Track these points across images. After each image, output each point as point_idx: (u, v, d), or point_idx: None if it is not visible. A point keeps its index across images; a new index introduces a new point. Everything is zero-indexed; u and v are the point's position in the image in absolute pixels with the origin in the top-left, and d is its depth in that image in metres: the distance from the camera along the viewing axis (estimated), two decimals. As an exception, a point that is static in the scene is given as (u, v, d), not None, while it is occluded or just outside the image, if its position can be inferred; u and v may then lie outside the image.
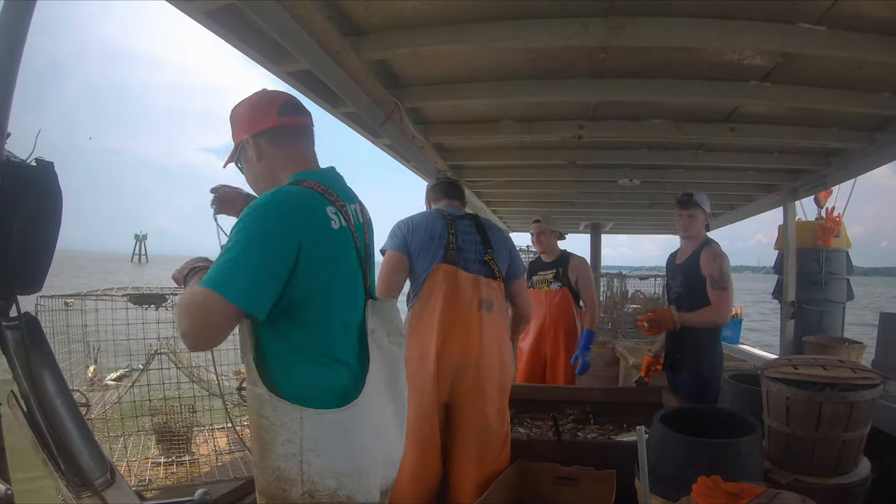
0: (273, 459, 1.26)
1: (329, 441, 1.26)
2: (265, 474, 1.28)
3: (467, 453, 2.38)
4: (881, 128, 3.15)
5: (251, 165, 1.44)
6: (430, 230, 2.43)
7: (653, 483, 1.84)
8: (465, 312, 2.37)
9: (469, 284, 2.40)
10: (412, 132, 3.30)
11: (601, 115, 3.26)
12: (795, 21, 2.08)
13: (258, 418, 1.27)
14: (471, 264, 2.43)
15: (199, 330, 1.18)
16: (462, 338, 2.35)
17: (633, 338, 5.78)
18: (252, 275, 1.19)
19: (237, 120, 1.45)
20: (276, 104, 1.42)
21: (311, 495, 1.25)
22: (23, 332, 1.15)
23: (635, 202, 5.79)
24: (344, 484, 1.28)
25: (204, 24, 2.02)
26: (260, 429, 1.27)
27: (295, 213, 1.25)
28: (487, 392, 2.39)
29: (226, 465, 2.53)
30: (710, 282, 2.91)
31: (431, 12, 2.17)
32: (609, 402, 3.35)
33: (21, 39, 1.04)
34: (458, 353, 2.35)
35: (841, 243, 5.42)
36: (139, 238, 73.66)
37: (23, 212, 1.11)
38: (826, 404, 2.07)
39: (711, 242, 3.05)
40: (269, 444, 1.26)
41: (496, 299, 2.46)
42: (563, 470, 2.46)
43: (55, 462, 1.14)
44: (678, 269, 3.14)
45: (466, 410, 2.38)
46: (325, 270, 1.29)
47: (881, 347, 3.63)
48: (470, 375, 2.36)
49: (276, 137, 1.41)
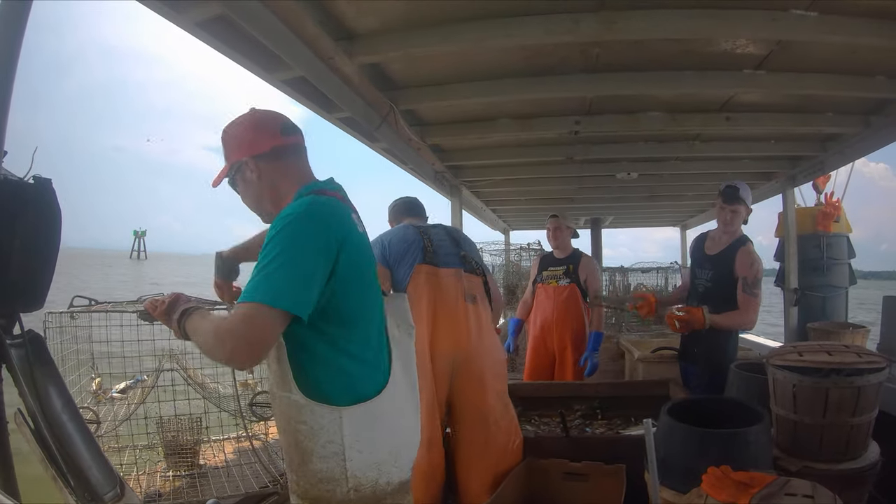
0: (315, 463, 1.31)
1: (367, 434, 1.34)
2: (307, 479, 1.33)
3: (474, 447, 2.42)
4: (876, 111, 3.15)
5: (251, 185, 1.47)
6: (405, 239, 2.52)
7: (662, 475, 1.84)
8: (452, 306, 2.44)
9: (451, 279, 2.47)
10: (408, 134, 3.29)
11: (597, 109, 3.26)
12: (787, 8, 2.08)
13: (296, 424, 1.32)
14: (449, 259, 2.52)
15: (250, 345, 1.19)
16: (453, 332, 2.42)
17: (638, 331, 5.77)
18: (294, 279, 1.23)
19: (235, 141, 1.47)
20: (278, 125, 1.46)
21: (356, 490, 1.32)
22: (27, 350, 1.15)
23: (634, 195, 5.79)
24: (384, 472, 1.37)
25: (196, 35, 2.02)
26: (298, 434, 1.32)
27: (330, 220, 1.32)
28: (485, 381, 2.46)
29: (234, 476, 2.53)
30: (742, 284, 2.86)
31: (423, 13, 2.16)
32: (616, 396, 3.34)
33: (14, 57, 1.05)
34: (451, 348, 2.41)
35: (841, 228, 5.40)
36: (138, 234, 73.12)
37: (22, 230, 1.11)
38: (833, 390, 2.07)
39: (748, 241, 2.98)
40: (309, 449, 1.32)
41: (478, 292, 2.55)
42: (572, 466, 2.46)
43: (64, 478, 1.15)
44: (709, 260, 3.06)
45: (467, 402, 2.44)
46: (358, 272, 1.37)
47: (886, 331, 3.63)
48: (466, 367, 2.43)
49: (278, 157, 1.45)
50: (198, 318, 1.34)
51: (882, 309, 3.70)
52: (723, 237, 3.05)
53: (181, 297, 1.44)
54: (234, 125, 1.48)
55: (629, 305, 3.16)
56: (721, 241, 3.05)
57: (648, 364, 3.91)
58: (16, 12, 1.05)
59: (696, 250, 3.20)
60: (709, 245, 3.12)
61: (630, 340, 4.79)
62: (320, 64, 2.33)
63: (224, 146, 1.49)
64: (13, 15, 1.05)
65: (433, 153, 3.94)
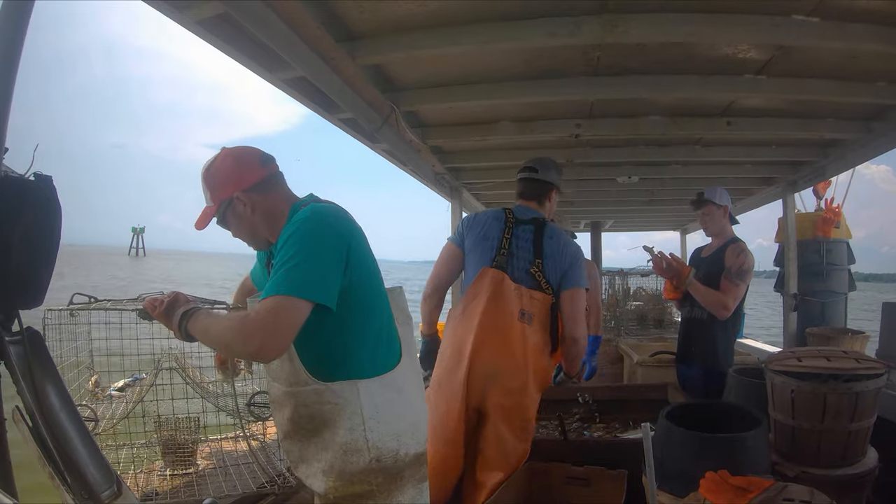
0: (341, 435, 1.39)
1: (384, 405, 1.43)
2: (335, 453, 1.41)
3: (481, 460, 2.37)
4: (878, 117, 3.15)
5: (244, 219, 1.53)
6: (486, 230, 2.44)
7: (660, 480, 1.84)
8: (505, 321, 2.34)
9: (513, 293, 2.36)
10: (409, 136, 3.29)
11: (598, 113, 3.26)
12: (789, 13, 2.08)
13: (321, 407, 1.40)
14: (518, 272, 2.39)
15: (279, 337, 1.26)
16: (499, 346, 2.32)
17: (637, 335, 5.78)
18: (316, 272, 1.32)
19: (221, 180, 1.52)
20: (257, 157, 1.54)
21: (377, 460, 1.41)
22: (25, 347, 1.15)
23: (634, 199, 5.79)
24: (403, 442, 1.45)
25: (197, 33, 2.02)
26: (324, 415, 1.40)
27: (336, 218, 1.43)
28: (514, 404, 2.36)
29: (231, 476, 2.53)
30: (726, 272, 2.97)
31: (425, 15, 2.16)
32: (614, 399, 3.34)
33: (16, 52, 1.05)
34: (492, 361, 2.31)
35: (841, 234, 5.40)
36: (137, 231, 72.61)
37: (22, 227, 1.11)
38: (831, 395, 2.07)
39: (739, 240, 3.12)
40: (335, 423, 1.40)
41: (537, 313, 2.39)
42: (575, 470, 2.45)
43: (61, 476, 1.14)
44: (702, 261, 3.22)
45: (491, 418, 2.36)
46: (367, 262, 1.47)
47: (885, 337, 3.63)
48: (500, 385, 2.33)
49: (265, 188, 1.52)
50: (204, 318, 1.38)
51: (881, 315, 3.70)
52: (715, 241, 3.22)
53: (180, 296, 1.47)
54: (216, 166, 1.53)
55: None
56: (714, 244, 3.22)
57: (647, 368, 3.92)
58: (20, 5, 1.05)
59: (694, 258, 3.38)
60: (704, 251, 3.30)
61: (629, 344, 4.79)
62: (322, 64, 2.34)
63: (208, 188, 1.53)
64: (17, 8, 1.05)
65: (434, 155, 3.94)
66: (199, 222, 1.55)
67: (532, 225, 2.49)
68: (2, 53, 1.04)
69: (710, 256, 3.16)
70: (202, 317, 1.38)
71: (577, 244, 2.63)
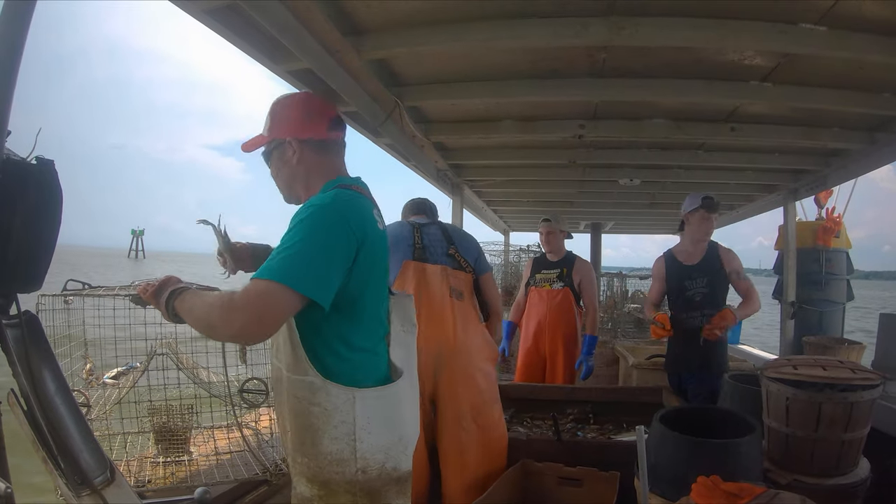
0: (326, 444, 1.34)
1: (377, 418, 1.36)
2: (317, 460, 1.35)
3: (452, 444, 2.41)
4: (882, 128, 3.15)
5: (287, 165, 1.49)
6: (396, 235, 2.52)
7: (652, 483, 1.84)
8: (438, 302, 2.44)
9: (437, 276, 2.48)
10: (412, 131, 3.29)
11: (602, 114, 3.26)
12: (796, 21, 2.08)
13: (308, 406, 1.34)
14: (438, 257, 2.52)
15: (262, 323, 1.19)
16: (438, 327, 2.41)
17: (633, 338, 5.78)
18: (318, 266, 1.25)
19: (283, 118, 1.48)
20: (328, 118, 1.50)
21: (363, 471, 1.35)
22: (23, 331, 1.14)
23: (635, 202, 5.79)
24: (391, 456, 1.39)
25: (205, 22, 2.02)
26: (311, 416, 1.34)
27: (353, 214, 1.34)
28: (470, 377, 2.45)
29: (224, 464, 2.53)
30: (736, 276, 3.07)
31: (432, 12, 2.16)
32: (609, 401, 3.35)
33: (22, 36, 1.04)
34: (436, 344, 2.39)
35: (841, 244, 5.41)
36: (136, 234, 71.82)
37: (23, 210, 1.10)
38: (826, 405, 2.07)
39: (718, 242, 3.19)
40: (321, 430, 1.33)
41: (465, 289, 2.54)
42: (568, 471, 2.46)
43: (55, 460, 1.14)
44: (695, 270, 3.17)
45: (449, 399, 2.42)
46: (375, 268, 1.41)
47: (881, 348, 3.63)
48: (450, 363, 2.41)
49: (320, 148, 1.48)
50: (191, 297, 1.32)
51: (878, 326, 3.70)
52: (697, 246, 3.21)
53: (171, 278, 1.43)
54: (288, 102, 1.50)
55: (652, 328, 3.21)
56: (696, 251, 3.21)
57: (643, 371, 3.92)
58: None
59: (674, 266, 3.29)
60: (684, 258, 3.25)
61: (625, 346, 4.80)
62: (328, 57, 2.33)
63: (270, 118, 1.50)
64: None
65: (436, 151, 3.94)
66: (248, 145, 1.52)
67: (435, 225, 2.69)
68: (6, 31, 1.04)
69: (703, 263, 3.15)
70: (188, 296, 1.33)
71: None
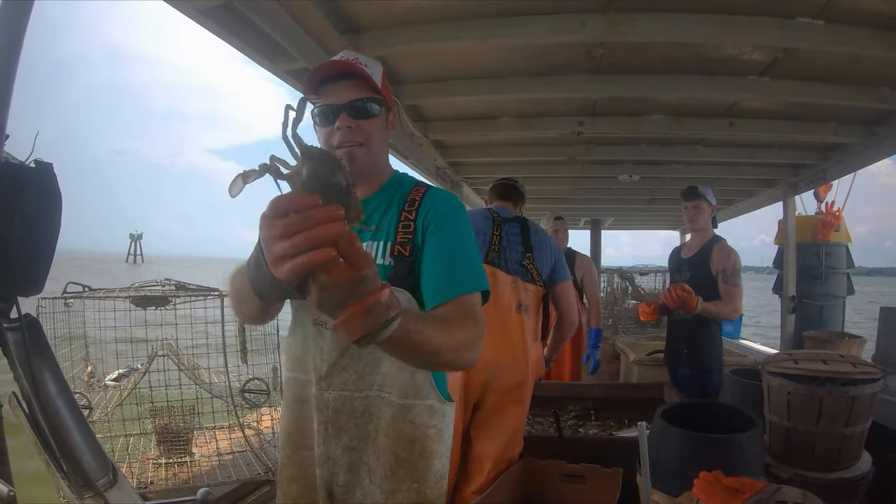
0: (436, 463, 1.26)
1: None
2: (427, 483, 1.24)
3: (487, 450, 2.37)
4: (880, 122, 3.15)
5: (385, 130, 1.33)
6: (477, 226, 2.42)
7: (654, 478, 1.84)
8: (503, 314, 2.37)
9: (507, 286, 2.39)
10: (411, 129, 3.29)
11: (600, 110, 3.26)
12: (794, 16, 2.08)
13: (425, 430, 1.23)
14: (512, 265, 2.44)
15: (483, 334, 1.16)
16: (499, 339, 2.32)
17: (634, 334, 5.79)
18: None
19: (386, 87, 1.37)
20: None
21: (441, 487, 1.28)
22: (24, 334, 1.14)
23: (635, 198, 5.80)
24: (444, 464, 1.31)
25: (200, 22, 2.01)
26: (427, 441, 1.24)
27: None
28: (521, 394, 2.40)
29: (227, 465, 2.53)
30: (722, 276, 2.95)
31: (429, 9, 2.16)
32: (610, 397, 3.35)
33: (19, 39, 1.04)
34: (492, 354, 2.26)
35: (841, 237, 5.41)
36: (134, 238, 71.05)
37: (22, 213, 1.10)
38: (827, 399, 2.07)
39: (721, 239, 3.08)
40: (435, 452, 1.25)
41: (532, 303, 2.46)
42: (571, 467, 2.45)
43: (57, 462, 1.14)
44: (685, 262, 3.17)
45: (496, 410, 2.37)
46: None
47: (881, 342, 3.63)
48: (504, 376, 2.35)
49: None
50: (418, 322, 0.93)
51: (879, 320, 3.71)
52: (695, 239, 3.18)
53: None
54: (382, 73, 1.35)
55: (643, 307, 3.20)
56: (694, 244, 3.17)
57: (643, 367, 3.93)
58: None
59: (674, 258, 3.33)
60: (684, 251, 3.25)
61: (626, 342, 4.81)
62: (325, 56, 2.33)
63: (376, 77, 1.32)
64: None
65: (435, 149, 3.94)
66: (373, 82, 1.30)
67: (517, 222, 2.58)
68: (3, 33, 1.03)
69: (695, 256, 3.11)
70: (414, 320, 0.91)
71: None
